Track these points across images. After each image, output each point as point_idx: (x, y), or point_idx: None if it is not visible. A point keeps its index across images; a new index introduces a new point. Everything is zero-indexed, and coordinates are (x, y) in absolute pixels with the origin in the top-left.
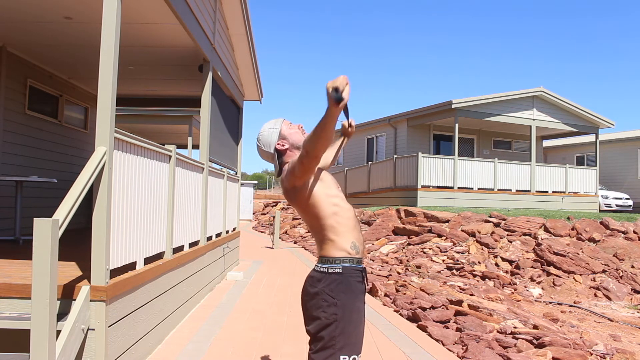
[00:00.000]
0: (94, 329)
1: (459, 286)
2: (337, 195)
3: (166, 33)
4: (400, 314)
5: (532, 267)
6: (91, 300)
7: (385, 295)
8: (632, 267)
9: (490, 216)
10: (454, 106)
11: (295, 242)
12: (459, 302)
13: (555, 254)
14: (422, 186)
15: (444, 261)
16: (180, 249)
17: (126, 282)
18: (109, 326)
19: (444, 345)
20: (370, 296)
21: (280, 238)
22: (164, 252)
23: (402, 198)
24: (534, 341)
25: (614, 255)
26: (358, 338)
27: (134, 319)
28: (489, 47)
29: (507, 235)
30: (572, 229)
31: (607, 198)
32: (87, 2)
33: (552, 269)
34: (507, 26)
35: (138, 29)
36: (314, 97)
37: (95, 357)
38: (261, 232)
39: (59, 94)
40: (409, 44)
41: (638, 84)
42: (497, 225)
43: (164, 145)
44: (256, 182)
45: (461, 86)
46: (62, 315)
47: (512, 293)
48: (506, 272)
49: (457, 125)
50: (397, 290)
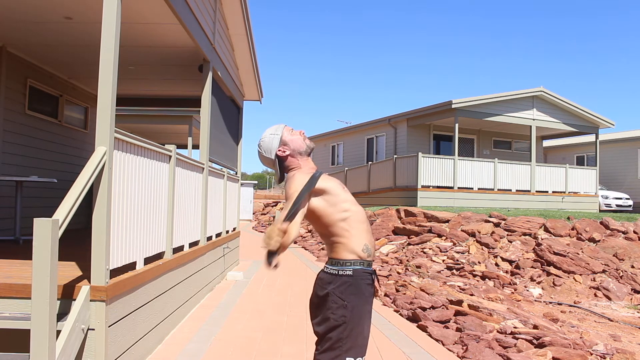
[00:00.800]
0: (94, 329)
1: (459, 286)
2: (347, 200)
3: (166, 33)
4: (400, 314)
5: (532, 267)
6: (91, 300)
7: (385, 295)
8: (632, 267)
9: (490, 216)
10: (454, 106)
11: (295, 242)
12: (459, 302)
13: (555, 254)
14: (422, 186)
15: (444, 261)
16: (180, 249)
17: (126, 282)
18: (109, 326)
19: (444, 345)
20: None
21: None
22: (164, 252)
23: (402, 198)
24: (534, 341)
25: (614, 255)
26: (364, 340)
27: (134, 319)
28: (489, 47)
29: (507, 235)
30: (572, 229)
31: (607, 198)
32: (87, 2)
33: (552, 269)
34: (507, 26)
35: (138, 29)
36: (314, 97)
37: (95, 357)
38: (261, 232)
39: (59, 94)
40: (409, 44)
41: (638, 84)
42: (497, 225)
43: (164, 145)
44: (256, 182)
45: (461, 86)
46: (62, 315)
47: (512, 293)
48: (506, 272)
49: (457, 125)
50: (397, 290)
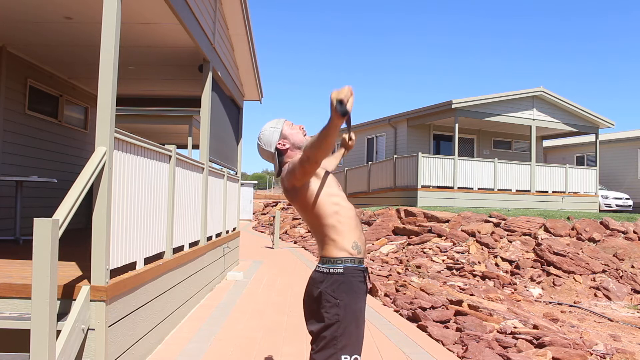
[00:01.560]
0: (94, 329)
1: (459, 286)
2: (338, 195)
3: (166, 33)
4: (400, 314)
5: (532, 267)
6: (91, 300)
7: (385, 295)
8: (632, 267)
9: (490, 216)
10: (454, 106)
11: (295, 242)
12: (459, 302)
13: (555, 254)
14: (422, 186)
15: (444, 261)
16: (180, 249)
17: (126, 282)
18: (109, 326)
19: (444, 345)
20: (370, 296)
21: (280, 238)
22: (164, 252)
23: (402, 198)
24: (534, 341)
25: (614, 255)
26: (359, 338)
27: (134, 319)
28: (489, 47)
29: (507, 235)
30: (572, 229)
31: (607, 198)
32: (87, 2)
33: (552, 269)
34: (507, 26)
35: (138, 29)
36: (314, 97)
37: (95, 357)
38: (261, 232)
39: (59, 94)
40: (409, 44)
41: (638, 84)
42: (497, 225)
43: (164, 145)
44: (256, 182)
45: (461, 86)
46: (62, 315)
47: (512, 293)
48: (506, 272)
49: (457, 125)
50: (397, 290)
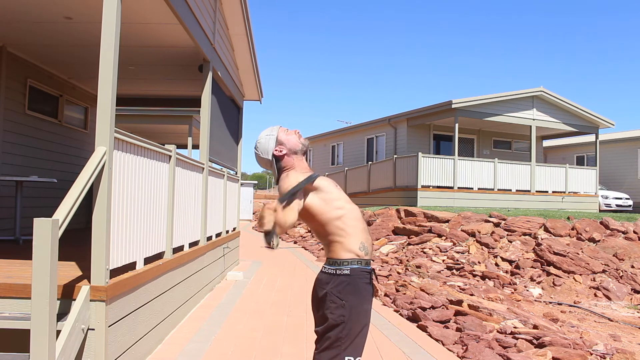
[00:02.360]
0: (94, 329)
1: (459, 286)
2: (340, 198)
3: (166, 33)
4: (400, 314)
5: (532, 267)
6: (91, 300)
7: (385, 295)
8: (632, 267)
9: (490, 216)
10: (454, 106)
11: (295, 242)
12: (459, 302)
13: (555, 254)
14: (422, 186)
15: (444, 261)
16: (180, 249)
17: (126, 282)
18: (109, 326)
19: (444, 345)
20: None
21: (280, 238)
22: (164, 252)
23: (402, 198)
24: (534, 341)
25: (614, 255)
26: (362, 339)
27: (134, 319)
28: (489, 47)
29: (507, 235)
30: (572, 229)
31: (607, 198)
32: (87, 2)
33: (552, 269)
34: (507, 26)
35: (138, 29)
36: (314, 97)
37: (95, 357)
38: (261, 232)
39: (59, 94)
40: (409, 44)
41: (638, 84)
42: (497, 225)
43: (164, 145)
44: (256, 182)
45: (461, 86)
46: (62, 315)
47: (512, 293)
48: (506, 272)
49: (457, 125)
50: (397, 290)
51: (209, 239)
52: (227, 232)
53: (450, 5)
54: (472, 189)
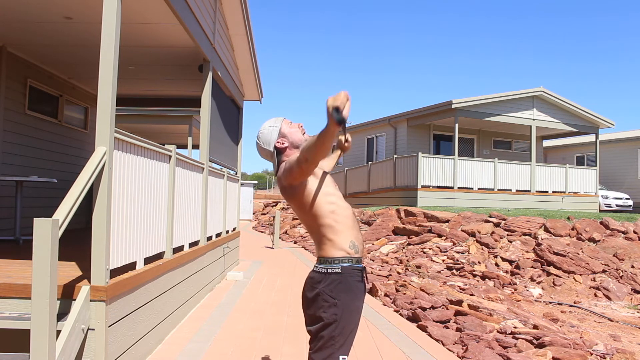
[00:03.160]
0: (94, 329)
1: (459, 286)
2: (334, 194)
3: (166, 33)
4: (400, 314)
5: (532, 267)
6: (91, 300)
7: (385, 295)
8: (632, 267)
9: (490, 216)
10: (454, 106)
11: (295, 242)
12: (459, 302)
13: (555, 254)
14: (422, 186)
15: (444, 261)
16: (180, 249)
17: (126, 282)
18: (109, 326)
19: (444, 345)
20: (370, 296)
21: (280, 238)
22: (164, 252)
23: (402, 198)
24: (534, 341)
25: (614, 255)
26: (353, 337)
27: (134, 319)
28: (489, 47)
29: (507, 235)
30: (572, 229)
31: (607, 198)
32: (87, 2)
33: (552, 269)
34: (507, 26)
35: (138, 29)
36: (314, 97)
37: (95, 357)
38: (261, 232)
39: (59, 94)
40: (409, 44)
41: (638, 84)
42: (497, 225)
43: (164, 145)
44: (256, 182)
45: (461, 86)
46: (62, 315)
47: (512, 293)
48: (506, 272)
49: (457, 125)
50: (397, 290)
51: (209, 239)
52: (227, 232)
53: (450, 5)
54: (472, 189)
